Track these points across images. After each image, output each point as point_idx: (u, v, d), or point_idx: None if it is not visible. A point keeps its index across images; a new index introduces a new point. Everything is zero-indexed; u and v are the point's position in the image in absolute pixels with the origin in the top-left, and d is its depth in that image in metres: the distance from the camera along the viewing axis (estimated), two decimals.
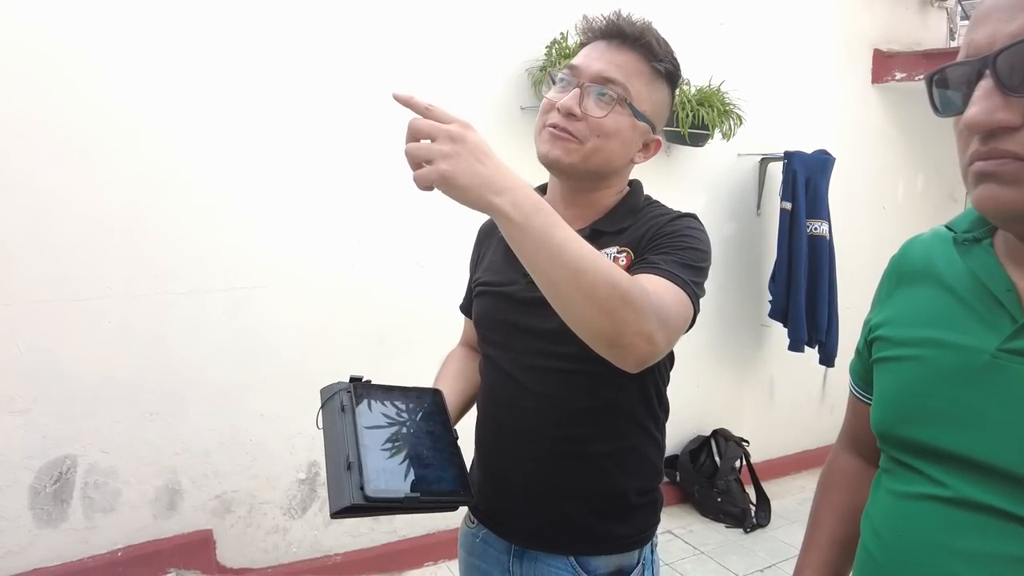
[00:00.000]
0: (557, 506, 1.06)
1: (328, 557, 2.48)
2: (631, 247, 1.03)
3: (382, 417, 0.98)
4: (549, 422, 1.04)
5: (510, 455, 1.08)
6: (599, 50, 1.03)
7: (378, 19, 2.32)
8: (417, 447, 0.97)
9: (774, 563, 2.80)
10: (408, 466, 0.93)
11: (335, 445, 0.92)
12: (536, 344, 1.03)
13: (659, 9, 2.88)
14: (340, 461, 0.88)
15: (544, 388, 1.04)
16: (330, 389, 1.00)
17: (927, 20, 3.95)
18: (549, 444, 1.05)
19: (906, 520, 0.70)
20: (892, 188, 3.89)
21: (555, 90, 1.03)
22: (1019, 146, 0.58)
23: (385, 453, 0.92)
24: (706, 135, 2.83)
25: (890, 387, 0.76)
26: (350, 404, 0.96)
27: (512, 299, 1.06)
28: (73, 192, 1.96)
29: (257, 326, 2.26)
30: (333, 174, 2.32)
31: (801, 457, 3.76)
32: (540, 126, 1.03)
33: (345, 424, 0.93)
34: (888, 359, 0.77)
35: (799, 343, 3.17)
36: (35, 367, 1.96)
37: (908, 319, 0.76)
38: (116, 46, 1.97)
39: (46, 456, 2.01)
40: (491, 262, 1.14)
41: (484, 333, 1.12)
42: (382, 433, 0.94)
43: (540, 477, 1.05)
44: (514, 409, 1.07)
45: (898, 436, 0.73)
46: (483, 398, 1.15)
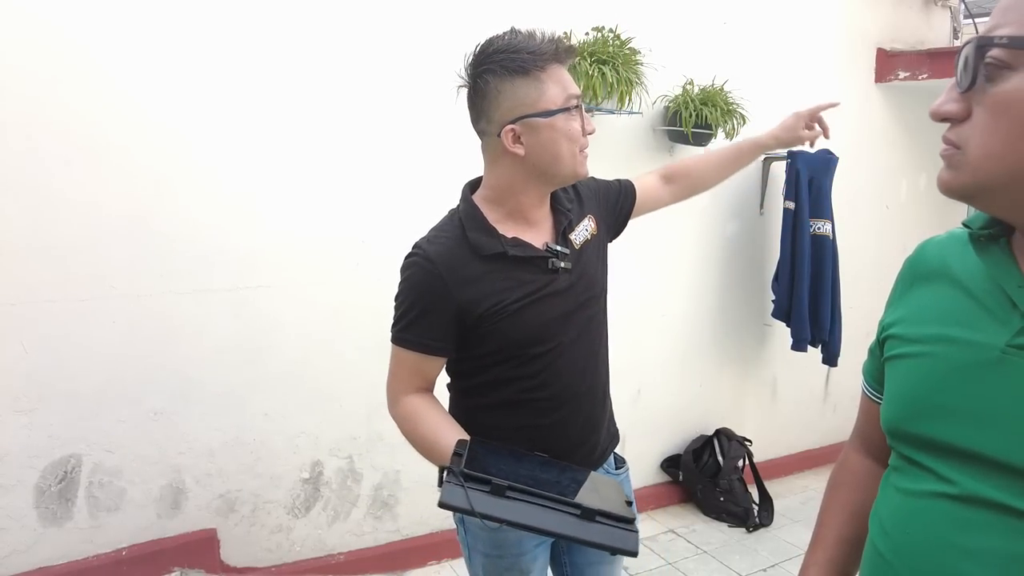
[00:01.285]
0: (605, 427, 1.36)
1: (332, 556, 2.48)
2: (592, 214, 1.34)
3: (525, 477, 1.02)
4: (600, 368, 1.33)
5: (587, 412, 1.30)
6: (568, 74, 1.21)
7: (382, 20, 2.32)
8: (565, 475, 1.12)
9: (777, 563, 2.80)
10: (589, 491, 1.05)
11: (549, 517, 0.94)
12: (581, 315, 1.27)
13: (663, 8, 2.89)
14: (576, 520, 0.94)
15: (591, 346, 1.30)
16: (454, 493, 0.94)
17: (931, 19, 3.94)
18: (603, 385, 1.35)
19: (914, 517, 0.71)
20: (895, 187, 3.89)
21: (576, 120, 1.19)
22: (955, 135, 0.67)
23: (577, 494, 1.01)
24: (709, 134, 2.82)
25: (901, 384, 0.77)
26: (502, 488, 0.96)
27: (557, 294, 1.23)
28: (78, 192, 1.96)
29: (261, 326, 2.26)
30: (338, 174, 2.33)
31: (804, 456, 3.76)
32: (577, 153, 1.20)
33: (527, 499, 0.96)
34: (900, 356, 0.78)
35: (802, 342, 3.17)
36: (40, 367, 1.97)
37: (920, 317, 0.77)
38: (122, 44, 1.97)
39: (51, 455, 2.01)
40: (498, 282, 1.19)
41: (542, 334, 1.23)
42: (541, 485, 0.99)
43: (600, 413, 1.34)
44: (582, 375, 1.28)
45: (908, 432, 0.74)
46: (546, 387, 1.25)
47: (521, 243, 1.21)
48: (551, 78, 1.16)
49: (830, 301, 3.20)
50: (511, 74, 1.15)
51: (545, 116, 1.15)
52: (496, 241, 1.19)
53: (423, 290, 1.18)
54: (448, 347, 1.22)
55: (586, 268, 1.28)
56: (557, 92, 1.16)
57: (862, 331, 3.65)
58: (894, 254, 4.07)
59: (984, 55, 0.63)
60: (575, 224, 1.29)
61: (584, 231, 1.30)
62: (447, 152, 2.48)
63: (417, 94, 2.41)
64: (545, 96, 1.15)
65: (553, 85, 1.16)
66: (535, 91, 1.15)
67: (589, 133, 1.21)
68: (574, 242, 1.27)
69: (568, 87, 1.18)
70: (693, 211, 3.14)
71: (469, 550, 1.36)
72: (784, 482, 3.56)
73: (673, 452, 3.27)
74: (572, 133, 1.17)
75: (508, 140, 1.18)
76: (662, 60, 2.72)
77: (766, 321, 3.38)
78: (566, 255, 1.24)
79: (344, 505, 2.50)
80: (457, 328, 1.19)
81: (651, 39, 2.67)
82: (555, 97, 1.16)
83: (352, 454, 2.48)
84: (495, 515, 0.92)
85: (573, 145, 1.18)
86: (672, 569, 2.72)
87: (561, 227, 1.26)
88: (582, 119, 1.19)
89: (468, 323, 1.18)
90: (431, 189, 2.46)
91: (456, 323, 1.18)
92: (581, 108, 1.19)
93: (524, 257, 1.20)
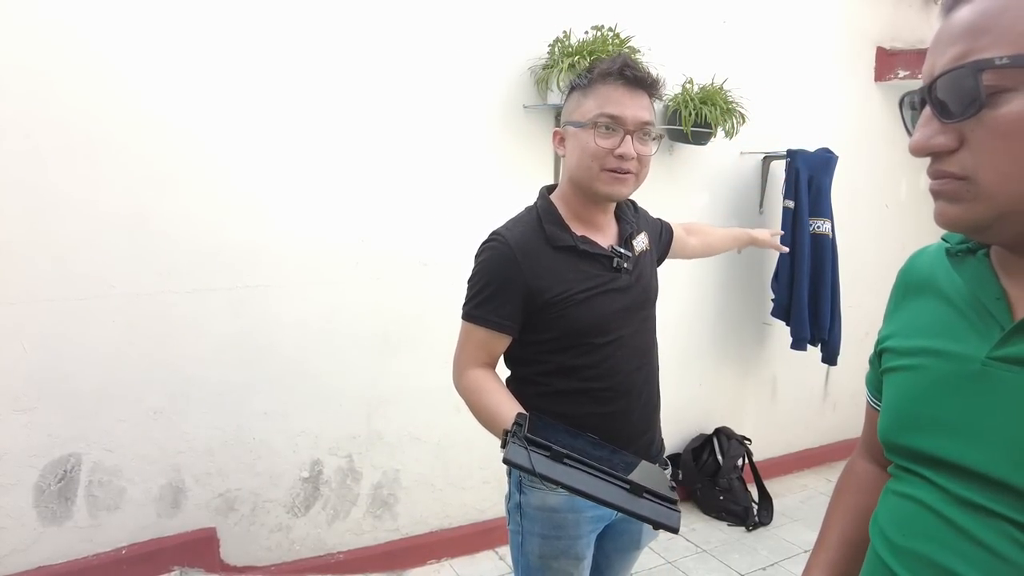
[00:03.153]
0: (659, 424, 1.48)
1: (331, 555, 2.48)
2: (647, 232, 1.47)
3: (581, 451, 1.07)
4: (654, 366, 1.44)
5: (642, 407, 1.38)
6: (628, 97, 1.25)
7: (381, 18, 2.32)
8: (616, 456, 1.18)
9: (776, 561, 2.80)
10: (635, 467, 1.13)
11: (601, 487, 1.01)
12: (639, 314, 1.37)
13: (662, 7, 2.89)
14: (625, 494, 1.01)
15: (647, 343, 1.42)
16: (518, 452, 1.00)
17: (930, 17, 3.93)
18: (656, 382, 1.44)
19: (910, 520, 0.72)
20: (895, 186, 3.89)
21: (601, 138, 1.25)
22: (956, 166, 0.64)
23: (627, 471, 1.07)
24: (709, 133, 2.82)
25: (892, 396, 0.78)
26: (560, 455, 1.02)
27: (619, 290, 1.33)
28: (77, 191, 1.96)
29: (261, 325, 2.26)
30: (337, 173, 2.32)
31: (803, 455, 3.76)
32: (598, 169, 1.26)
33: (583, 468, 1.02)
34: (892, 369, 0.80)
35: (802, 341, 3.17)
36: (39, 366, 1.97)
37: (910, 330, 0.79)
38: (122, 42, 1.97)
39: (51, 454, 2.01)
40: (568, 271, 1.29)
41: (604, 325, 1.31)
42: (595, 459, 1.05)
43: (654, 410, 1.45)
44: (640, 369, 1.37)
45: (899, 444, 0.75)
46: (605, 378, 1.33)
47: (589, 240, 1.33)
48: (595, 94, 1.26)
49: (830, 300, 3.20)
50: (574, 88, 1.33)
51: (575, 126, 1.28)
52: (568, 235, 1.31)
53: (497, 270, 1.28)
54: (514, 327, 1.31)
55: (643, 273, 1.39)
56: (591, 107, 1.26)
57: (861, 330, 3.65)
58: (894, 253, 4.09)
59: (981, 80, 0.61)
60: (635, 235, 1.41)
61: (642, 242, 1.42)
62: (447, 152, 2.48)
63: (417, 94, 2.41)
64: (581, 108, 1.28)
65: (592, 100, 1.26)
66: (575, 103, 1.30)
67: (620, 155, 1.24)
68: (635, 248, 1.39)
69: (606, 105, 1.24)
70: (693, 210, 3.14)
71: (523, 535, 1.38)
72: (783, 481, 3.56)
73: (673, 451, 3.27)
74: (590, 148, 1.25)
75: (556, 141, 1.37)
76: (661, 59, 2.71)
77: (765, 320, 3.39)
78: (628, 257, 1.35)
79: (344, 504, 2.50)
80: (524, 310, 1.29)
81: (650, 38, 2.66)
82: (587, 111, 1.26)
83: (352, 453, 2.48)
84: (554, 477, 0.98)
85: (588, 159, 1.26)
86: (672, 568, 2.72)
87: (625, 234, 1.38)
88: (621, 140, 1.24)
89: (535, 307, 1.28)
90: (431, 188, 2.46)
91: (524, 305, 1.28)
92: (624, 130, 1.24)
93: (592, 253, 1.31)
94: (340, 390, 2.42)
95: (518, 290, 1.27)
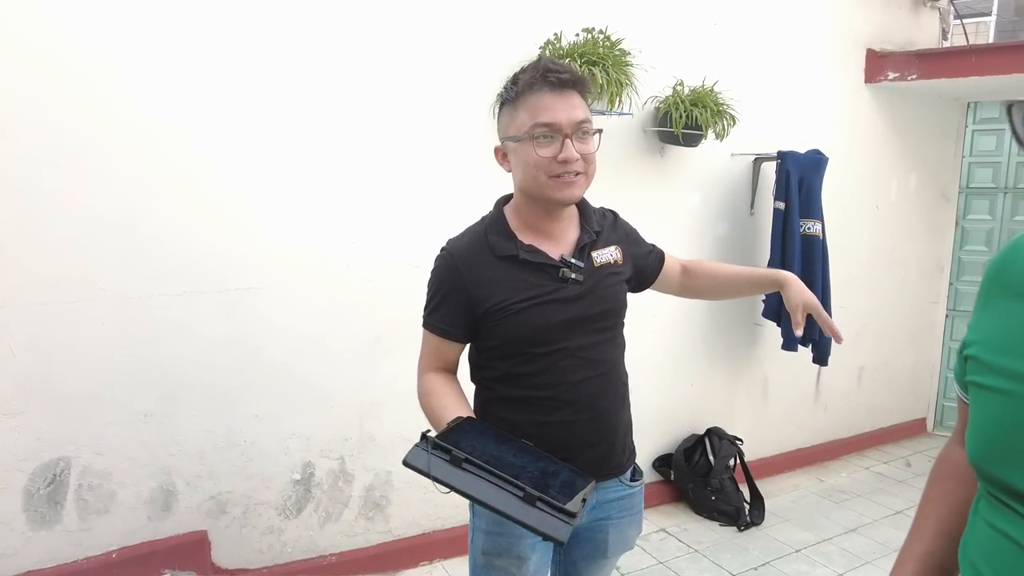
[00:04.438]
0: (619, 440, 1.40)
1: (323, 557, 2.48)
2: (618, 245, 1.43)
3: (491, 457, 1.09)
4: (611, 379, 1.37)
5: (589, 419, 1.33)
6: (557, 100, 1.24)
7: (371, 20, 2.32)
8: (533, 462, 1.16)
9: (768, 561, 2.81)
10: (552, 475, 1.12)
11: (493, 493, 1.02)
12: (589, 326, 1.33)
13: (653, 9, 2.90)
14: (518, 501, 1.01)
15: (602, 356, 1.36)
16: (419, 456, 1.05)
17: (920, 20, 3.96)
18: (612, 396, 1.38)
19: (1005, 560, 0.67)
20: (885, 187, 3.91)
21: (541, 148, 1.24)
22: None
23: (533, 476, 1.08)
24: (699, 135, 2.83)
25: (981, 418, 0.72)
26: (459, 460, 1.05)
27: (563, 301, 1.30)
28: (66, 193, 1.95)
29: (252, 327, 2.26)
30: (328, 175, 2.32)
31: (795, 455, 3.78)
32: (545, 178, 1.25)
33: (480, 473, 1.04)
34: (980, 386, 0.72)
35: (792, 342, 3.18)
36: (28, 369, 1.96)
37: (1003, 342, 0.70)
38: (112, 45, 1.96)
39: (40, 458, 2.00)
40: (509, 281, 1.30)
41: (543, 335, 1.30)
42: (509, 469, 1.06)
43: (611, 424, 1.37)
44: (587, 381, 1.33)
45: (992, 474, 0.70)
46: (548, 387, 1.32)
47: (535, 250, 1.32)
48: (525, 106, 1.25)
49: (820, 301, 3.21)
50: (502, 103, 1.32)
51: (513, 141, 1.28)
52: (512, 245, 1.32)
53: (443, 280, 1.34)
54: (461, 334, 1.35)
55: (601, 286, 1.35)
56: (524, 119, 1.25)
57: (852, 330, 3.67)
58: (884, 254, 4.10)
59: None
60: (598, 246, 1.38)
61: (607, 255, 1.39)
62: (437, 154, 2.48)
63: (408, 96, 2.41)
64: (515, 122, 1.27)
65: (523, 112, 1.25)
66: (508, 117, 1.29)
67: (564, 160, 1.24)
68: (594, 260, 1.36)
69: (538, 115, 1.23)
70: (684, 212, 3.15)
71: (472, 530, 1.42)
72: (775, 481, 3.58)
73: (665, 451, 3.28)
74: (532, 160, 1.24)
75: (498, 157, 1.35)
76: (652, 61, 2.73)
77: (757, 321, 3.40)
78: (579, 268, 1.32)
79: (336, 506, 2.49)
80: (468, 318, 1.32)
81: (641, 40, 2.67)
82: (522, 124, 1.25)
83: (343, 455, 2.47)
84: (445, 480, 1.02)
85: (533, 170, 1.25)
86: (664, 568, 2.73)
87: (582, 243, 1.35)
88: (561, 146, 1.23)
89: (478, 315, 1.31)
90: (421, 190, 2.46)
91: (468, 313, 1.32)
92: (561, 135, 1.23)
93: (535, 263, 1.31)
94: (331, 392, 2.42)
95: (462, 299, 1.31)
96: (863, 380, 4.03)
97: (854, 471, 3.80)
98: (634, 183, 2.95)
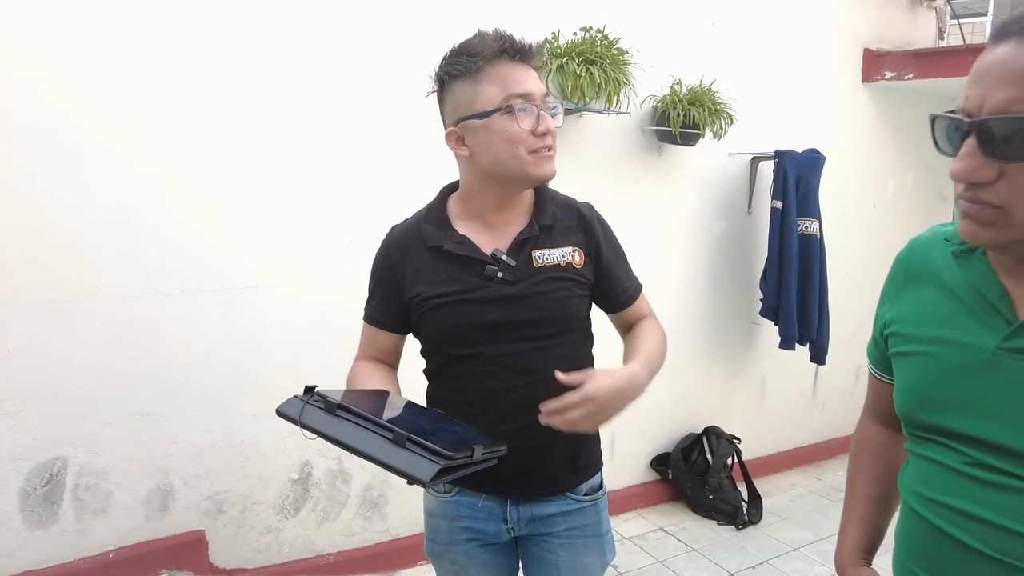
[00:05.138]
0: (557, 457, 1.26)
1: (321, 557, 2.47)
2: (579, 247, 1.25)
3: (377, 409, 1.02)
4: (540, 391, 1.13)
5: (512, 431, 1.17)
6: (523, 72, 1.16)
7: (369, 19, 2.32)
8: (430, 422, 1.05)
9: (766, 560, 2.82)
10: (447, 432, 1.02)
11: (361, 436, 0.94)
12: (517, 333, 1.20)
13: (651, 9, 2.90)
14: (385, 443, 0.92)
15: (533, 365, 1.20)
16: (292, 404, 1.01)
17: (916, 20, 3.97)
18: None
19: (935, 478, 0.84)
20: (882, 186, 3.92)
21: (522, 120, 1.14)
22: (993, 196, 0.71)
23: (418, 428, 0.97)
24: (697, 134, 2.84)
25: (907, 379, 0.89)
26: (333, 406, 0.98)
27: (484, 302, 1.19)
28: (63, 192, 1.95)
29: (249, 326, 2.25)
30: (325, 174, 2.32)
31: (792, 454, 3.78)
32: (525, 154, 1.15)
33: (354, 419, 0.96)
34: (904, 354, 0.89)
35: (790, 341, 3.19)
36: (25, 368, 1.95)
37: (918, 318, 0.88)
38: (107, 44, 1.95)
39: (36, 458, 2.00)
40: (432, 274, 1.22)
41: (460, 337, 1.21)
42: (392, 420, 0.97)
43: (542, 439, 1.18)
44: (510, 391, 1.20)
45: (919, 420, 0.87)
46: (467, 392, 1.24)
47: (466, 242, 1.21)
48: (490, 78, 1.14)
49: (818, 300, 3.22)
50: (452, 78, 1.18)
51: (480, 117, 1.15)
52: (442, 235, 1.22)
53: (377, 267, 1.31)
54: (391, 323, 1.30)
55: (537, 289, 1.20)
56: (494, 92, 1.14)
57: (849, 330, 3.68)
58: (881, 253, 4.10)
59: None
60: (545, 244, 1.22)
61: (558, 256, 1.23)
62: (435, 152, 2.47)
63: (405, 94, 2.40)
64: (481, 97, 1.15)
65: (490, 85, 1.14)
66: (471, 92, 1.16)
67: (542, 133, 1.15)
68: (534, 259, 1.21)
69: (510, 86, 1.14)
70: (681, 211, 3.15)
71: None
72: (773, 480, 3.58)
73: (662, 450, 3.28)
74: (510, 134, 1.14)
75: (452, 143, 1.21)
76: (650, 60, 2.73)
77: (754, 320, 3.40)
78: (510, 267, 1.19)
79: (333, 506, 2.49)
80: (399, 308, 1.27)
81: (639, 39, 2.67)
82: (491, 98, 1.14)
83: (341, 454, 2.47)
84: (313, 427, 0.96)
85: (513, 146, 1.14)
86: (662, 567, 2.73)
87: (521, 238, 1.21)
88: (537, 118, 1.15)
89: (404, 305, 1.26)
90: (419, 189, 2.45)
91: (398, 303, 1.27)
92: (535, 106, 1.15)
93: (460, 256, 1.21)
94: None
95: (391, 288, 1.27)
96: (860, 379, 4.03)
97: None
98: (632, 182, 2.95)
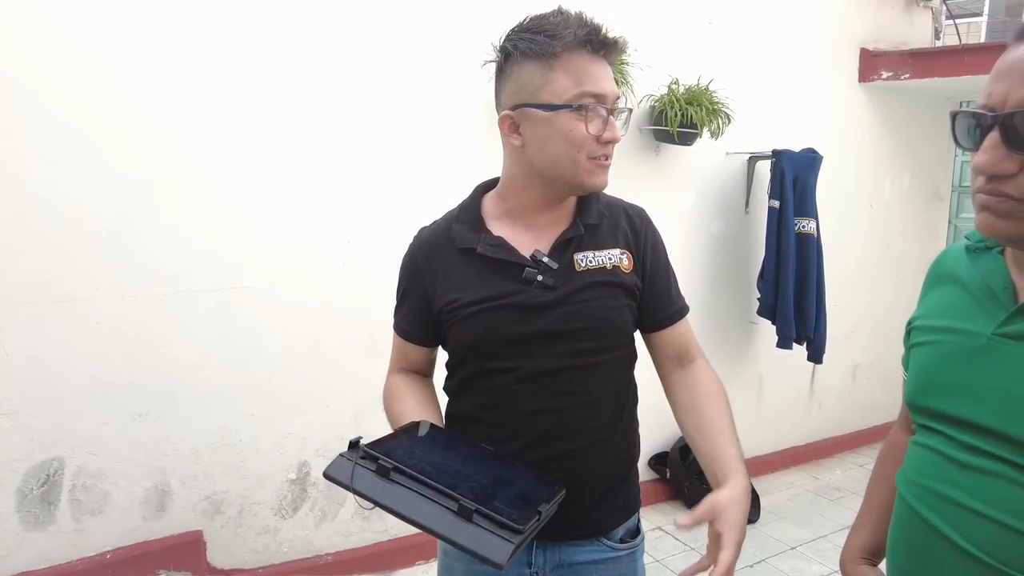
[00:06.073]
0: (593, 492, 1.12)
1: (319, 557, 2.47)
2: (628, 249, 1.14)
3: (428, 465, 0.92)
4: (578, 416, 1.08)
5: (541, 460, 1.07)
6: (602, 68, 1.05)
7: (367, 20, 2.32)
8: (485, 471, 0.98)
9: (763, 559, 2.82)
10: (508, 487, 0.95)
11: (422, 507, 0.86)
12: (558, 346, 1.07)
13: (648, 8, 2.90)
14: (450, 516, 0.85)
15: (572, 386, 1.08)
16: (342, 467, 0.90)
17: (913, 19, 3.98)
18: (579, 436, 1.10)
19: (925, 464, 0.87)
20: (879, 186, 3.92)
21: (590, 123, 1.02)
22: (1014, 189, 0.72)
23: (478, 488, 0.90)
24: (694, 134, 2.84)
25: (916, 367, 0.93)
26: (387, 469, 0.89)
27: (521, 308, 1.07)
28: (60, 192, 1.94)
29: (247, 326, 2.25)
30: (323, 173, 2.32)
31: (790, 453, 3.79)
32: (584, 159, 1.04)
33: (411, 484, 0.88)
34: (917, 344, 0.94)
35: (787, 340, 3.19)
36: (22, 369, 1.95)
37: (934, 312, 0.93)
38: (104, 45, 1.95)
39: (33, 458, 1.99)
40: (463, 279, 1.10)
41: (494, 349, 1.09)
42: (448, 478, 0.90)
43: (576, 472, 1.09)
44: (544, 413, 1.08)
45: (920, 405, 0.89)
46: (495, 412, 1.11)
47: (503, 244, 1.09)
48: (565, 67, 1.01)
49: (815, 299, 3.23)
50: (523, 56, 1.03)
51: (545, 109, 1.02)
52: (475, 236, 1.10)
53: (405, 273, 1.20)
54: (420, 336, 1.18)
55: (582, 295, 1.08)
56: (567, 85, 1.01)
57: (847, 329, 3.69)
58: (878, 252, 4.11)
59: None
60: (590, 245, 1.11)
61: (604, 259, 1.11)
62: (433, 151, 2.47)
63: (404, 95, 2.40)
64: (550, 86, 1.02)
65: (564, 76, 1.01)
66: (540, 78, 1.02)
67: (607, 141, 1.03)
68: (576, 262, 1.09)
69: (586, 83, 1.01)
70: (679, 210, 3.15)
71: None
72: (770, 479, 3.59)
73: (660, 450, 3.28)
74: (574, 135, 1.01)
75: (504, 128, 1.08)
76: (647, 60, 2.73)
77: (752, 319, 3.41)
78: (551, 270, 1.07)
79: (331, 506, 2.49)
80: (428, 318, 1.15)
81: (636, 39, 2.65)
82: (562, 90, 1.01)
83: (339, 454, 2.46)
84: (369, 495, 0.87)
85: (574, 150, 1.02)
86: (660, 566, 2.73)
87: (564, 238, 1.10)
88: (606, 123, 1.03)
89: (434, 314, 1.13)
90: (418, 188, 2.46)
91: (427, 313, 1.14)
92: (606, 111, 1.03)
93: (495, 259, 1.08)
94: (327, 391, 2.41)
95: (420, 295, 1.15)
96: (857, 378, 4.04)
97: (848, 468, 3.81)
98: (629, 182, 2.94)
